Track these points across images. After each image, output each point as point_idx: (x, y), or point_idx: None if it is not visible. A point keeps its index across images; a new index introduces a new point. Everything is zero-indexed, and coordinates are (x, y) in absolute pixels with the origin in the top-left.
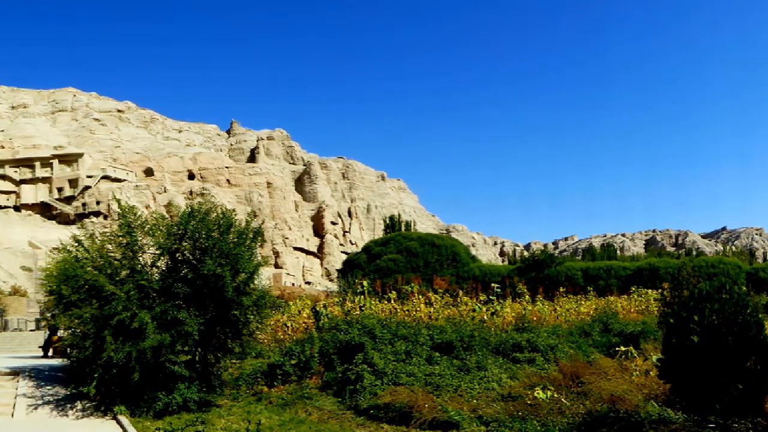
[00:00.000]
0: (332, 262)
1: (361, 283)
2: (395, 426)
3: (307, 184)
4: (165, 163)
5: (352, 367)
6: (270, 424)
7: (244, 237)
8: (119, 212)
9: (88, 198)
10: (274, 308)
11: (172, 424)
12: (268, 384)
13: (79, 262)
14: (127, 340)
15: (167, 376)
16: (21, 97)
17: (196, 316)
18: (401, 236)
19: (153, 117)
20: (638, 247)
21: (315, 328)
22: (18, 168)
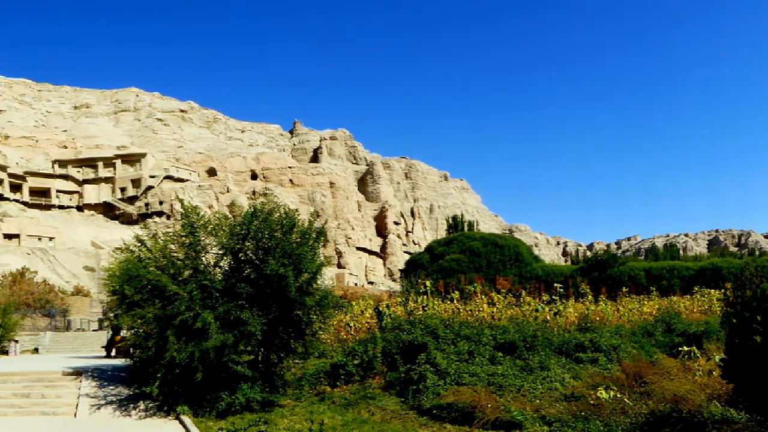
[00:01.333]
0: (395, 262)
1: (423, 283)
2: (458, 426)
3: (370, 184)
4: (228, 163)
5: (414, 367)
6: (333, 424)
7: (307, 237)
8: (182, 212)
9: (150, 198)
10: (336, 308)
11: (234, 424)
12: (331, 384)
13: (142, 262)
14: (189, 340)
15: (230, 376)
16: (84, 97)
17: (258, 316)
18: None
19: (216, 117)
20: (701, 247)
21: (378, 328)
22: (81, 168)
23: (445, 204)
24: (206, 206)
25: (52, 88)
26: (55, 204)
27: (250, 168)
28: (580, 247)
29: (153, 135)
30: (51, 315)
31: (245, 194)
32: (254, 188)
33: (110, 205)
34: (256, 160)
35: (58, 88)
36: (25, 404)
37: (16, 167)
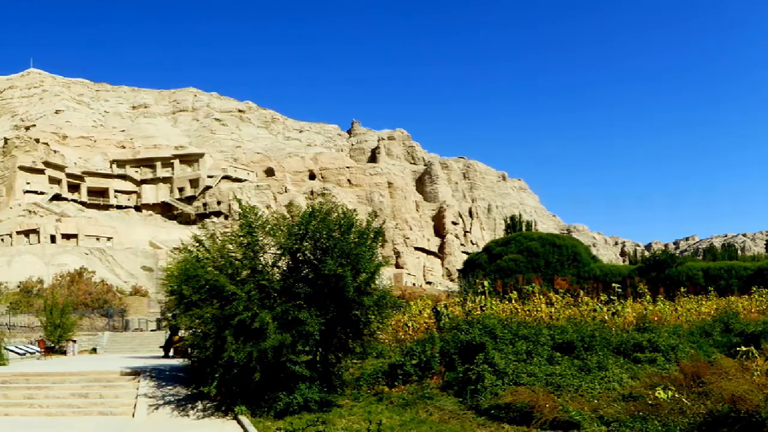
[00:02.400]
0: (453, 262)
1: (482, 283)
2: (516, 426)
3: (428, 184)
4: (286, 163)
5: (473, 367)
6: (391, 424)
7: (365, 237)
8: (240, 212)
9: (208, 198)
10: (395, 308)
11: (293, 424)
12: (389, 384)
13: (200, 262)
14: (247, 340)
15: (288, 376)
16: (142, 97)
17: (317, 316)
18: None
19: (274, 117)
20: (759, 247)
21: (436, 328)
22: (139, 168)
23: (503, 204)
24: (264, 206)
25: (110, 88)
26: (113, 204)
27: (308, 168)
28: (638, 247)
29: (211, 135)
30: (109, 315)
31: (303, 194)
32: (312, 188)
33: (168, 205)
34: (314, 160)
35: (116, 88)
36: (83, 404)
37: (74, 167)
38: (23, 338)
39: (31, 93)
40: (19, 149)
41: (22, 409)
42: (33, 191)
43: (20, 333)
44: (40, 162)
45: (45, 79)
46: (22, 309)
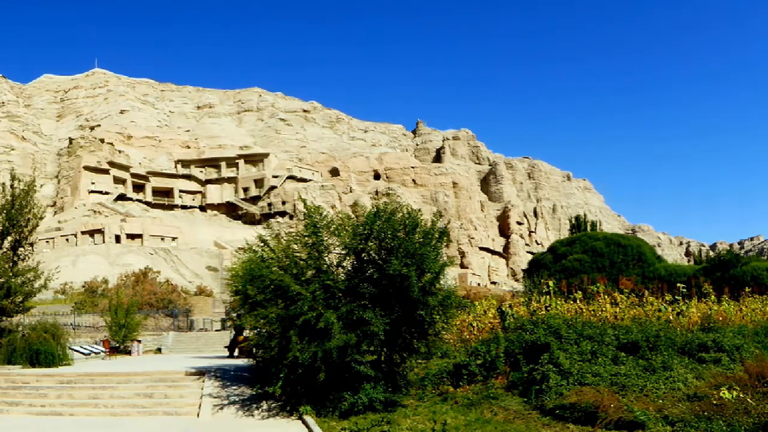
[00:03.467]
0: (518, 262)
1: (546, 283)
2: (581, 426)
3: (493, 184)
4: (351, 163)
5: (537, 367)
6: (456, 424)
7: (430, 237)
8: (305, 212)
9: (273, 198)
10: (459, 308)
11: (357, 424)
12: (454, 384)
13: (265, 262)
14: (312, 340)
15: (353, 376)
16: (207, 97)
17: (381, 316)
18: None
19: (339, 117)
20: None
21: (500, 328)
22: (204, 168)
23: (568, 204)
24: (329, 206)
25: (175, 88)
26: (177, 204)
27: (373, 168)
28: (703, 247)
29: (276, 135)
30: (174, 315)
31: (368, 194)
32: (377, 188)
33: (233, 205)
34: (379, 160)
35: (181, 88)
36: (148, 404)
37: (139, 167)
38: (88, 338)
39: (96, 93)
40: (83, 149)
41: (87, 409)
42: (98, 191)
43: (85, 333)
44: (104, 162)
45: (110, 79)
46: (86, 309)
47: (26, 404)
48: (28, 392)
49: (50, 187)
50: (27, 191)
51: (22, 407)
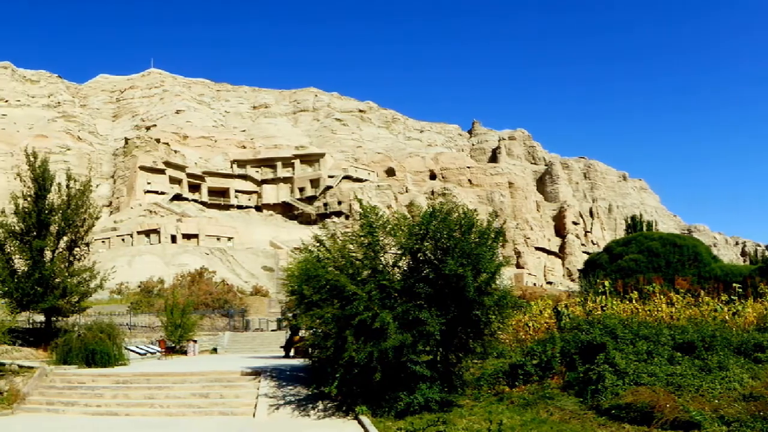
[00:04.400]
0: (573, 262)
1: (602, 283)
2: (636, 426)
3: (549, 184)
4: (406, 163)
5: (593, 367)
6: (511, 423)
7: (486, 237)
8: (361, 212)
9: (329, 198)
10: (515, 308)
11: (413, 424)
12: (510, 384)
13: (321, 262)
14: (368, 340)
15: (408, 376)
16: (263, 97)
17: (437, 316)
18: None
19: (394, 117)
20: None
21: (556, 328)
22: (259, 168)
23: (624, 204)
24: (385, 206)
25: (231, 88)
26: (233, 204)
27: (429, 168)
28: (759, 247)
29: (331, 135)
30: (229, 315)
31: (424, 194)
32: (433, 188)
33: (289, 205)
34: (435, 160)
35: (236, 88)
36: (204, 404)
37: (194, 167)
38: (144, 338)
39: (152, 93)
40: (139, 149)
41: (143, 409)
42: (154, 191)
43: (141, 333)
44: (160, 162)
45: (165, 79)
46: (142, 309)
47: (82, 404)
48: (84, 392)
49: (106, 187)
50: (83, 191)
51: (78, 407)
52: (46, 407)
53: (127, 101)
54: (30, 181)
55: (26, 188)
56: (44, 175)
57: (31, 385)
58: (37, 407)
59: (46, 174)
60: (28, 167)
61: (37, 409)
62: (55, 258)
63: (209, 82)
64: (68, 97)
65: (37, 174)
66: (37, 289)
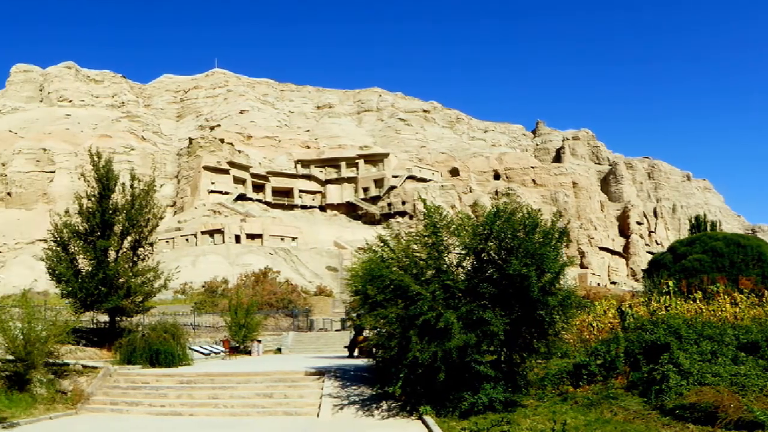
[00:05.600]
0: (637, 262)
1: (666, 283)
2: (700, 426)
3: (613, 184)
4: (470, 163)
5: (657, 367)
6: (575, 424)
7: (550, 237)
8: (425, 212)
9: (393, 198)
10: (579, 308)
11: (477, 424)
12: (574, 384)
13: (385, 262)
14: (432, 340)
15: (472, 376)
16: (326, 97)
17: (501, 316)
18: (706, 236)
19: (458, 117)
20: None
21: (620, 328)
22: (323, 168)
23: (688, 204)
24: (449, 206)
25: (295, 88)
26: (297, 204)
27: (493, 168)
28: None
29: (395, 135)
30: (293, 315)
31: (488, 194)
32: (497, 188)
33: (353, 205)
34: (499, 160)
35: (300, 88)
36: (268, 404)
37: (258, 167)
38: (208, 338)
39: (216, 93)
40: (203, 149)
41: (207, 409)
42: (217, 191)
43: (205, 333)
44: (224, 162)
45: (229, 79)
46: (206, 309)
47: (146, 404)
48: (148, 392)
49: (170, 187)
50: (147, 191)
51: (142, 407)
52: (110, 407)
53: (191, 101)
54: (94, 181)
55: (90, 188)
56: (108, 175)
57: (95, 385)
58: (101, 407)
59: (110, 174)
60: (92, 167)
61: (101, 409)
62: (119, 258)
63: (273, 82)
64: (132, 97)
65: (101, 174)
66: (101, 289)
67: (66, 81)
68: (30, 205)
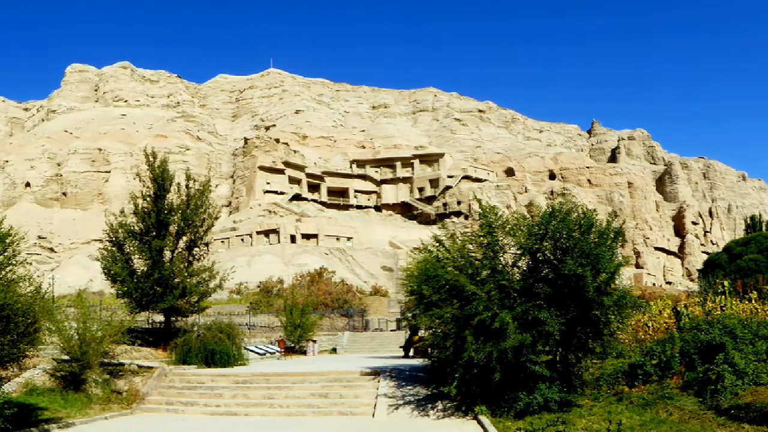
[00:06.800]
0: (693, 262)
1: (721, 283)
2: (756, 426)
3: (668, 184)
4: (526, 163)
5: (712, 367)
6: (631, 423)
7: (605, 237)
8: (480, 212)
9: (448, 198)
10: (635, 308)
11: (533, 424)
12: (629, 384)
13: (440, 262)
14: (487, 340)
15: (528, 376)
16: (382, 98)
17: (556, 316)
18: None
19: (514, 117)
20: None
21: (675, 328)
22: (379, 168)
23: (743, 204)
24: (504, 206)
25: (350, 88)
26: (352, 204)
27: (548, 168)
28: None
29: (450, 135)
30: (349, 315)
31: (543, 194)
32: (552, 188)
33: (408, 205)
34: (554, 160)
35: (356, 88)
36: (323, 404)
37: (314, 167)
38: (263, 338)
39: (271, 93)
40: (259, 149)
41: (262, 409)
42: (273, 191)
43: (260, 333)
44: (280, 162)
45: (285, 79)
46: (261, 309)
47: (201, 404)
48: (204, 392)
49: (225, 187)
50: (202, 191)
51: (197, 407)
52: (165, 407)
53: (246, 101)
54: (149, 181)
55: (145, 188)
56: (163, 175)
57: (150, 385)
58: (157, 407)
59: (165, 174)
60: (148, 167)
61: (157, 409)
62: (175, 258)
63: (328, 82)
64: (187, 97)
65: (157, 174)
66: (157, 289)
67: (121, 81)
68: (85, 205)
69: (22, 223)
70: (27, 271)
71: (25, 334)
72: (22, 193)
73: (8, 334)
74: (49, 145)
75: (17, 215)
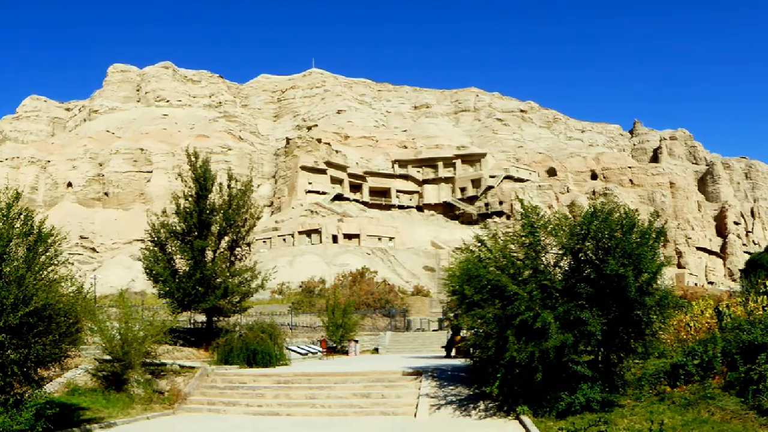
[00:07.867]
0: (735, 262)
1: (764, 283)
2: None
3: (710, 184)
4: (567, 163)
5: (754, 367)
6: (672, 423)
7: (647, 237)
8: (522, 212)
9: (490, 198)
10: (676, 308)
11: (574, 424)
12: (671, 384)
13: (482, 262)
14: (529, 340)
15: (569, 376)
16: (424, 97)
17: (598, 316)
18: None
19: (556, 117)
20: None
21: (717, 328)
22: (420, 168)
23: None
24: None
25: (392, 88)
26: (394, 204)
27: (590, 168)
28: None
29: (492, 135)
30: (391, 315)
31: (585, 194)
32: (594, 188)
33: (450, 205)
34: (596, 160)
35: (398, 88)
36: (365, 404)
37: (355, 167)
38: (305, 338)
39: (313, 93)
40: (301, 149)
41: (304, 409)
42: (315, 191)
43: (302, 333)
44: (321, 162)
45: (327, 79)
46: (303, 309)
47: (243, 404)
48: (245, 392)
49: (267, 187)
50: (244, 191)
51: (239, 407)
52: (207, 407)
53: (288, 101)
54: (191, 181)
55: (187, 188)
56: (205, 175)
57: (192, 385)
58: (198, 407)
59: (207, 174)
60: (190, 167)
61: (198, 409)
62: (217, 258)
63: (370, 82)
64: (229, 97)
65: (199, 174)
66: (199, 289)
67: (163, 81)
68: (127, 205)
69: (64, 223)
70: (69, 271)
71: (66, 334)
72: (64, 193)
73: (50, 334)
74: (91, 145)
75: (59, 215)
